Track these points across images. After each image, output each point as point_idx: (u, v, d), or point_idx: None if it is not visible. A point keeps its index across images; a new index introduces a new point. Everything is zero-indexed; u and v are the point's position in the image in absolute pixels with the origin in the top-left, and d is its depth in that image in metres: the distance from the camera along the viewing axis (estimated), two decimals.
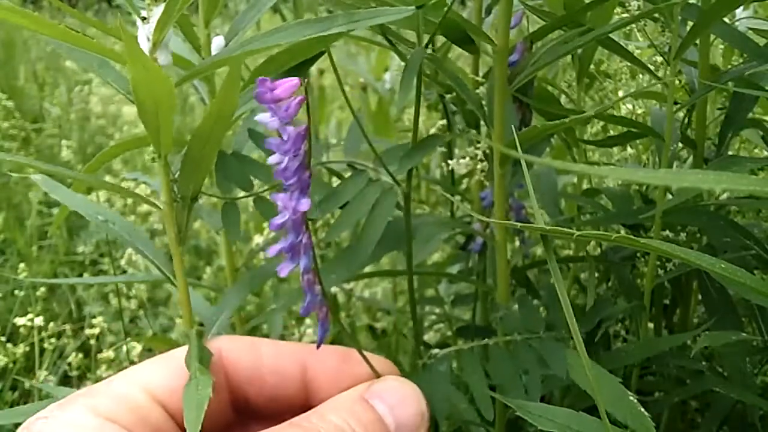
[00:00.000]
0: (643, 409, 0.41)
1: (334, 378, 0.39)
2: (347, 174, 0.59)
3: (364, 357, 0.39)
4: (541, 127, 0.46)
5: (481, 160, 0.56)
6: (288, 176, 0.35)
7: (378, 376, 0.39)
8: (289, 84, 0.34)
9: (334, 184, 0.57)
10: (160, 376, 0.37)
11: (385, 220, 0.50)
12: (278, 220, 0.36)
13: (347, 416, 0.35)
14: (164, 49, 0.38)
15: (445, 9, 0.44)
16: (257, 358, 0.39)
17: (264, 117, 0.35)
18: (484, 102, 0.53)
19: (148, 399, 0.36)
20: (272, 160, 0.35)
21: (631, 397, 0.42)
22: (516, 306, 0.55)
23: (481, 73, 0.63)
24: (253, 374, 0.39)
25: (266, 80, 0.34)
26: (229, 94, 0.36)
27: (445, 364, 0.52)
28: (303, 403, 0.40)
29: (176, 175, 0.40)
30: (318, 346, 0.38)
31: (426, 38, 0.48)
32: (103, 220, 0.46)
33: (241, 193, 0.54)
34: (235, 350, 0.40)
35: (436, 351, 0.53)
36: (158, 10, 0.36)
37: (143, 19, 0.37)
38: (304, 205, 0.35)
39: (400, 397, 0.36)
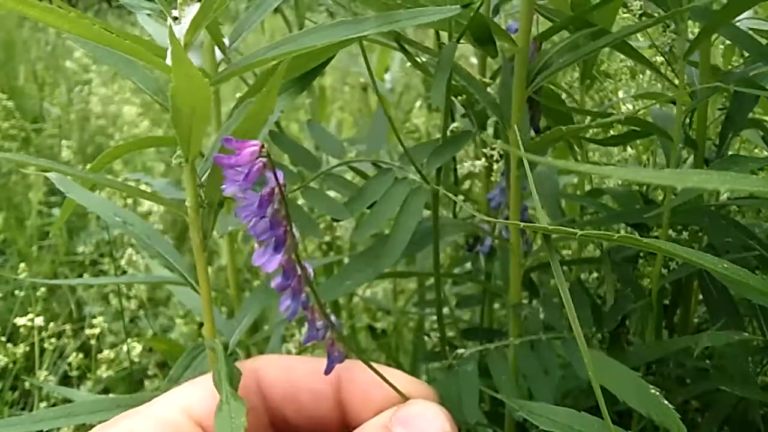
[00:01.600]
0: (667, 402, 0.41)
1: (366, 397, 0.39)
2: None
3: (386, 380, 0.38)
4: (566, 129, 0.46)
5: (497, 161, 0.56)
6: (258, 234, 0.35)
7: (405, 398, 0.38)
8: (248, 149, 0.33)
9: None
10: (199, 398, 0.37)
11: (416, 220, 0.49)
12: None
13: None
14: (196, 51, 0.37)
15: (474, 10, 0.44)
16: (292, 378, 0.40)
17: (227, 188, 0.34)
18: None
19: (187, 421, 0.36)
20: (242, 220, 0.35)
21: (653, 390, 0.42)
22: (534, 304, 0.55)
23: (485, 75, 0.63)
24: (289, 394, 0.39)
25: (231, 140, 0.33)
26: (269, 96, 0.35)
27: (472, 364, 0.52)
28: (340, 421, 0.40)
29: (203, 180, 0.40)
30: (327, 373, 0.38)
31: (459, 39, 0.48)
32: (120, 221, 0.45)
33: None
34: (272, 370, 0.40)
35: (461, 351, 0.52)
36: (191, 10, 0.36)
37: (175, 19, 0.36)
38: (273, 263, 0.35)
39: (423, 423, 0.36)
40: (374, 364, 0.38)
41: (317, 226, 0.53)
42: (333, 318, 0.37)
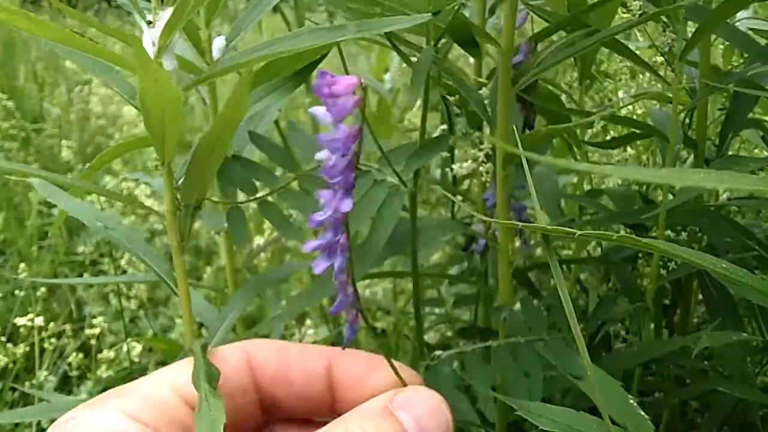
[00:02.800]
0: (643, 413, 0.41)
1: (358, 382, 0.39)
2: None
3: (391, 364, 0.38)
4: (546, 130, 0.46)
5: (484, 162, 0.56)
6: (334, 174, 0.35)
7: (403, 383, 0.39)
8: (348, 81, 0.34)
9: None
10: (187, 376, 0.37)
11: (393, 222, 0.50)
12: (319, 217, 0.36)
13: (372, 428, 0.35)
14: (170, 54, 0.37)
15: (452, 13, 0.44)
16: (285, 360, 0.40)
17: (318, 110, 0.35)
18: (487, 103, 0.53)
19: (176, 399, 0.36)
20: (320, 155, 0.35)
21: (631, 400, 0.42)
22: (518, 307, 0.55)
23: (482, 75, 0.63)
24: (281, 375, 0.39)
25: (326, 73, 0.34)
26: (239, 100, 0.36)
27: (449, 366, 0.52)
28: (329, 404, 0.40)
29: (179, 182, 0.40)
30: (344, 347, 0.39)
31: (437, 42, 0.48)
32: (101, 225, 0.46)
33: (244, 198, 0.54)
34: (263, 352, 0.40)
35: (439, 353, 0.53)
36: (165, 14, 0.36)
37: (149, 23, 0.37)
38: (347, 204, 0.35)
39: (425, 408, 0.36)
40: (368, 353, 0.38)
41: (297, 228, 0.54)
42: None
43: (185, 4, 0.35)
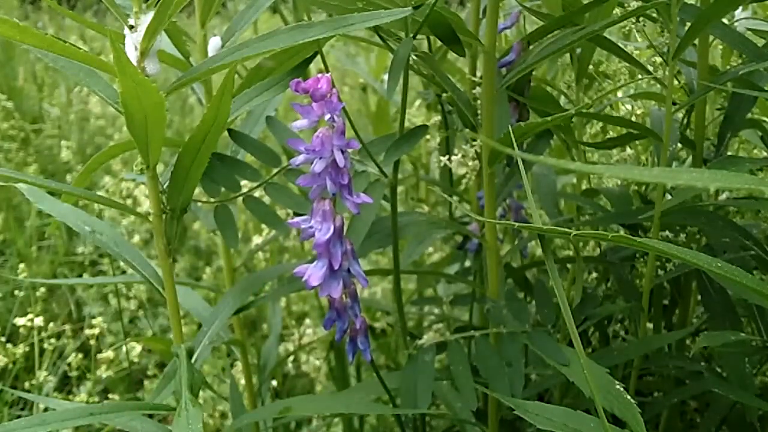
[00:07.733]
0: (629, 397, 0.42)
1: None
2: None
3: None
4: (526, 125, 0.46)
5: (473, 159, 0.56)
6: (320, 181, 0.38)
7: None
8: (323, 78, 0.37)
9: None
10: None
11: (372, 214, 0.50)
12: (323, 236, 0.39)
13: None
14: (152, 58, 0.37)
15: (430, 6, 0.44)
16: None
17: (300, 123, 0.38)
18: (479, 101, 0.53)
19: None
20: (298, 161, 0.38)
21: (618, 386, 0.43)
22: (503, 301, 0.55)
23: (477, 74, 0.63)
24: None
25: (300, 82, 0.37)
26: (222, 103, 0.36)
27: (431, 354, 0.53)
28: None
29: (165, 186, 0.40)
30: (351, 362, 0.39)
31: (414, 35, 0.48)
32: (90, 230, 0.45)
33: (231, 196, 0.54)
34: None
35: (422, 341, 0.54)
36: (146, 18, 0.36)
37: (131, 27, 0.36)
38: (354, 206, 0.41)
39: None
40: None
41: (281, 219, 0.54)
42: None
43: (166, 7, 0.35)
